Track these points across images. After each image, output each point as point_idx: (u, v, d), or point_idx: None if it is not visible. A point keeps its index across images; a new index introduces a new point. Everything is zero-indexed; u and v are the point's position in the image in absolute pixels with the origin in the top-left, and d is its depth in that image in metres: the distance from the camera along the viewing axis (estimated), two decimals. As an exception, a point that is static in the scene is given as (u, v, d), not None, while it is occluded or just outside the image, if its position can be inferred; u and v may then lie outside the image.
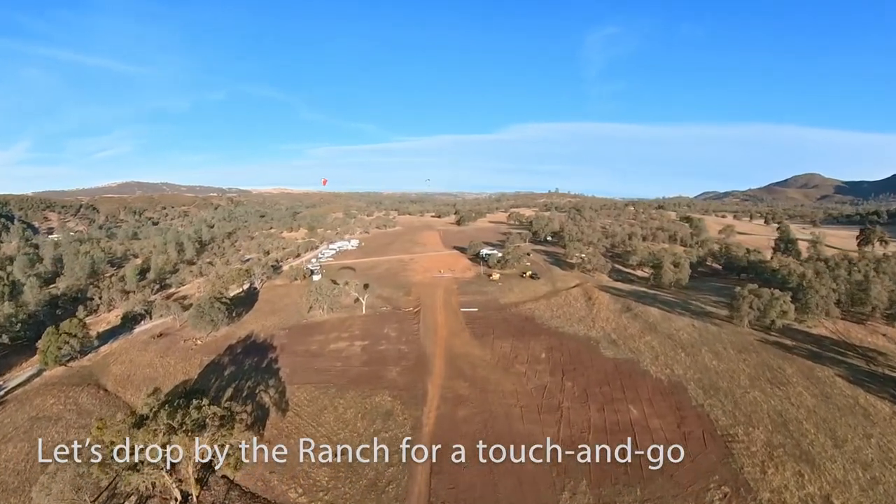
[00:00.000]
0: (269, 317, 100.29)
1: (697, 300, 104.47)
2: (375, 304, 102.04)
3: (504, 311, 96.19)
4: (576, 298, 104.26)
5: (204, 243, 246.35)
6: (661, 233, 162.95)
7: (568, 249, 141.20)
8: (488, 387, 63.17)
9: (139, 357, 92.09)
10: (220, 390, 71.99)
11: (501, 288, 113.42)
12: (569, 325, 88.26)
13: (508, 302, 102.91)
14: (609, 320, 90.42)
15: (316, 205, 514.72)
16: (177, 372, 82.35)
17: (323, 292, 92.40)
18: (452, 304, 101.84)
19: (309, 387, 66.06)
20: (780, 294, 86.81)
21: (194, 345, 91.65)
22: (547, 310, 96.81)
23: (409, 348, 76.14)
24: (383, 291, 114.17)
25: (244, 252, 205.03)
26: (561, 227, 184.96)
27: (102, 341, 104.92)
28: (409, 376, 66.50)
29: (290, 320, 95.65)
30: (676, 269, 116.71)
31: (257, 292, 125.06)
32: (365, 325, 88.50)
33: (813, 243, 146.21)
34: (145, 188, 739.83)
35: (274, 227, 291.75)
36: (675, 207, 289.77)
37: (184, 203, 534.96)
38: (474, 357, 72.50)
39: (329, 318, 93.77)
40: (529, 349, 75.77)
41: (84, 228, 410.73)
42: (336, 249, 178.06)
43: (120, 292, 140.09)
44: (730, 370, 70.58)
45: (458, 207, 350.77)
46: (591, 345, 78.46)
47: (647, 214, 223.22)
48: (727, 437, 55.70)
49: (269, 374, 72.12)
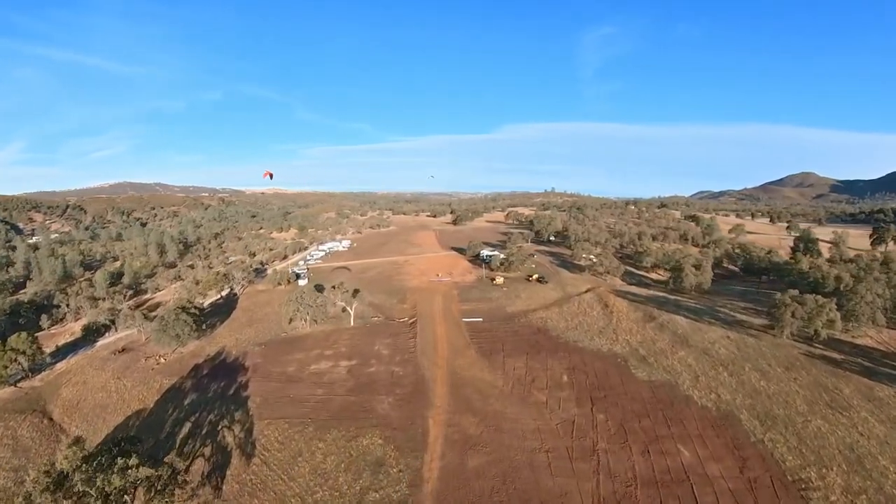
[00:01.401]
0: (245, 329, 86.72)
1: (724, 307, 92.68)
2: (366, 314, 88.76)
3: (512, 322, 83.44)
4: (590, 306, 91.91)
5: (189, 245, 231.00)
6: (671, 232, 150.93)
7: (575, 250, 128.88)
8: (504, 424, 50.26)
9: (94, 378, 78.34)
10: (177, 425, 58.53)
11: (507, 293, 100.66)
12: (588, 338, 75.79)
13: (516, 310, 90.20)
14: (633, 332, 78.13)
15: (309, 205, 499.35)
16: (132, 399, 68.68)
17: (305, 301, 78.92)
18: (453, 313, 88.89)
19: (282, 423, 52.76)
20: (824, 301, 75.74)
21: (156, 363, 77.97)
22: (560, 319, 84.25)
23: (405, 370, 62.94)
24: (375, 298, 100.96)
25: (230, 254, 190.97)
26: (564, 227, 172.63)
27: (61, 356, 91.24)
28: (405, 409, 53.36)
29: (269, 333, 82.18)
30: (698, 272, 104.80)
31: (237, 299, 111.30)
32: (353, 340, 75.19)
33: (835, 244, 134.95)
34: (138, 189, 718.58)
35: (264, 227, 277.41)
36: (675, 207, 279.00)
37: (174, 203, 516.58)
38: (483, 382, 59.50)
39: (312, 331, 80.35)
40: (548, 370, 63.05)
41: (69, 229, 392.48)
42: (326, 251, 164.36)
43: (88, 299, 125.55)
44: (782, 393, 59.15)
45: (454, 207, 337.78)
46: (619, 363, 65.98)
47: (651, 213, 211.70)
48: (800, 484, 44.46)
49: (237, 404, 58.71)
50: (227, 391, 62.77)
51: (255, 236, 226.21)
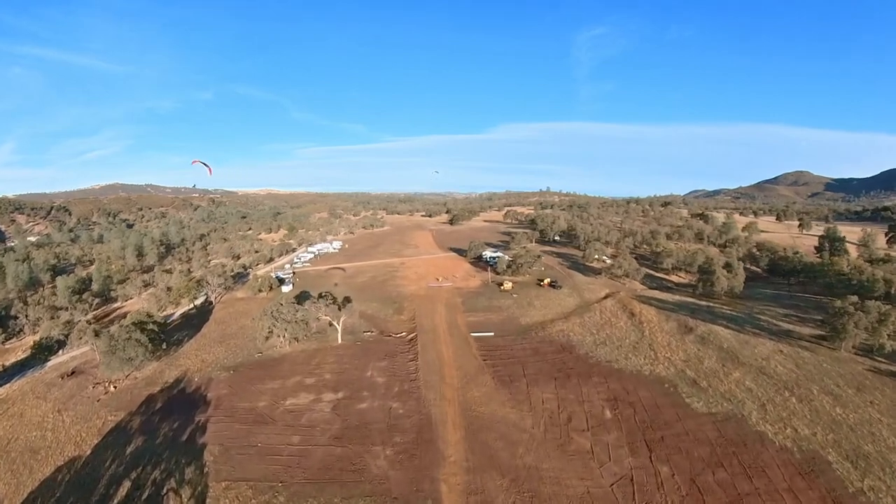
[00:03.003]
0: (215, 347, 72.55)
1: (762, 314, 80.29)
2: (357, 328, 74.84)
3: (530, 337, 70.24)
4: (615, 314, 79.13)
5: (171, 247, 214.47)
6: (686, 231, 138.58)
7: (587, 251, 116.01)
8: (542, 487, 36.83)
9: (32, 409, 64.02)
10: (114, 484, 44.43)
11: (518, 301, 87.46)
12: (622, 356, 62.83)
13: (532, 321, 77.09)
14: (672, 347, 65.40)
15: (302, 205, 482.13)
16: (67, 441, 54.41)
17: (284, 316, 64.89)
18: (459, 326, 75.50)
19: (244, 487, 38.94)
20: (887, 309, 64.11)
21: (104, 392, 63.65)
22: (585, 332, 71.26)
23: (406, 407, 49.15)
24: (368, 307, 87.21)
25: (213, 256, 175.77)
26: (569, 226, 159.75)
27: (7, 378, 76.86)
28: (408, 467, 39.67)
29: (241, 352, 68.12)
30: (730, 275, 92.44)
31: (212, 308, 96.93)
32: (340, 363, 61.27)
33: (864, 244, 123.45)
34: (129, 190, 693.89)
35: (253, 228, 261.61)
36: (676, 205, 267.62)
37: (162, 204, 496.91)
38: (507, 423, 45.97)
39: (292, 350, 66.31)
40: (584, 402, 49.89)
41: (51, 232, 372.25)
42: (315, 252, 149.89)
43: (49, 309, 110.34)
44: (864, 422, 47.23)
45: (450, 206, 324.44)
46: (668, 390, 53.04)
47: (657, 212, 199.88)
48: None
49: (189, 456, 44.75)
50: (181, 435, 48.70)
51: (241, 237, 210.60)
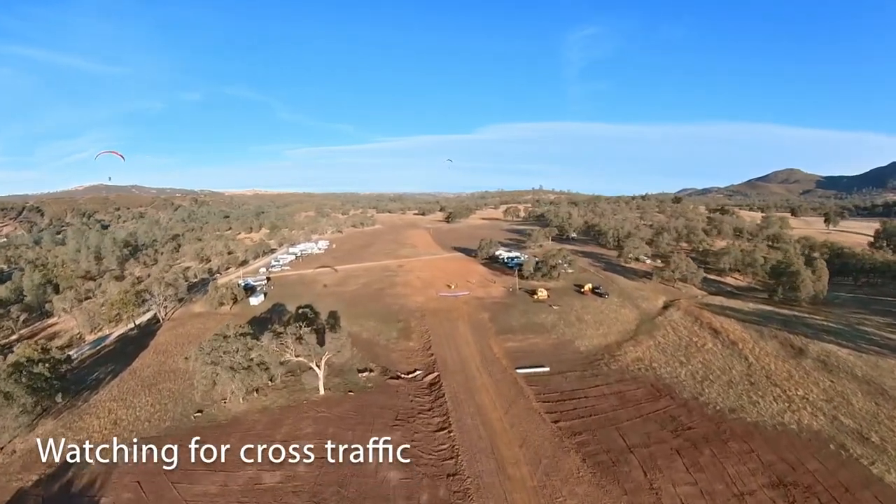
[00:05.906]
0: (139, 396, 47.53)
1: (862, 324, 58.80)
2: (347, 367, 50.35)
3: (601, 371, 47.21)
4: (692, 332, 56.95)
5: (139, 248, 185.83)
6: (725, 226, 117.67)
7: (625, 249, 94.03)
8: None
9: None
10: None
11: (562, 315, 64.44)
12: (746, 399, 40.28)
13: (592, 346, 54.20)
14: (797, 380, 43.21)
15: (289, 205, 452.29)
16: None
17: (230, 358, 40.34)
18: (497, 357, 52.00)
19: None
20: None
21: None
22: (672, 362, 48.70)
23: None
24: (362, 328, 63.07)
25: (183, 259, 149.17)
26: (586, 222, 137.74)
27: None
28: None
29: (172, 409, 43.28)
30: (815, 277, 71.48)
31: (156, 330, 71.59)
32: (322, 437, 36.50)
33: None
34: (113, 191, 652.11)
35: (233, 227, 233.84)
36: (675, 203, 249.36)
37: (142, 204, 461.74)
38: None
39: (248, 408, 41.78)
40: (744, 495, 27.05)
41: (22, 233, 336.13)
42: (297, 254, 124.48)
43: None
44: None
45: (445, 204, 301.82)
46: (839, 455, 30.51)
47: (672, 209, 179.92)
48: None
49: None
50: None
51: (217, 237, 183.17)
